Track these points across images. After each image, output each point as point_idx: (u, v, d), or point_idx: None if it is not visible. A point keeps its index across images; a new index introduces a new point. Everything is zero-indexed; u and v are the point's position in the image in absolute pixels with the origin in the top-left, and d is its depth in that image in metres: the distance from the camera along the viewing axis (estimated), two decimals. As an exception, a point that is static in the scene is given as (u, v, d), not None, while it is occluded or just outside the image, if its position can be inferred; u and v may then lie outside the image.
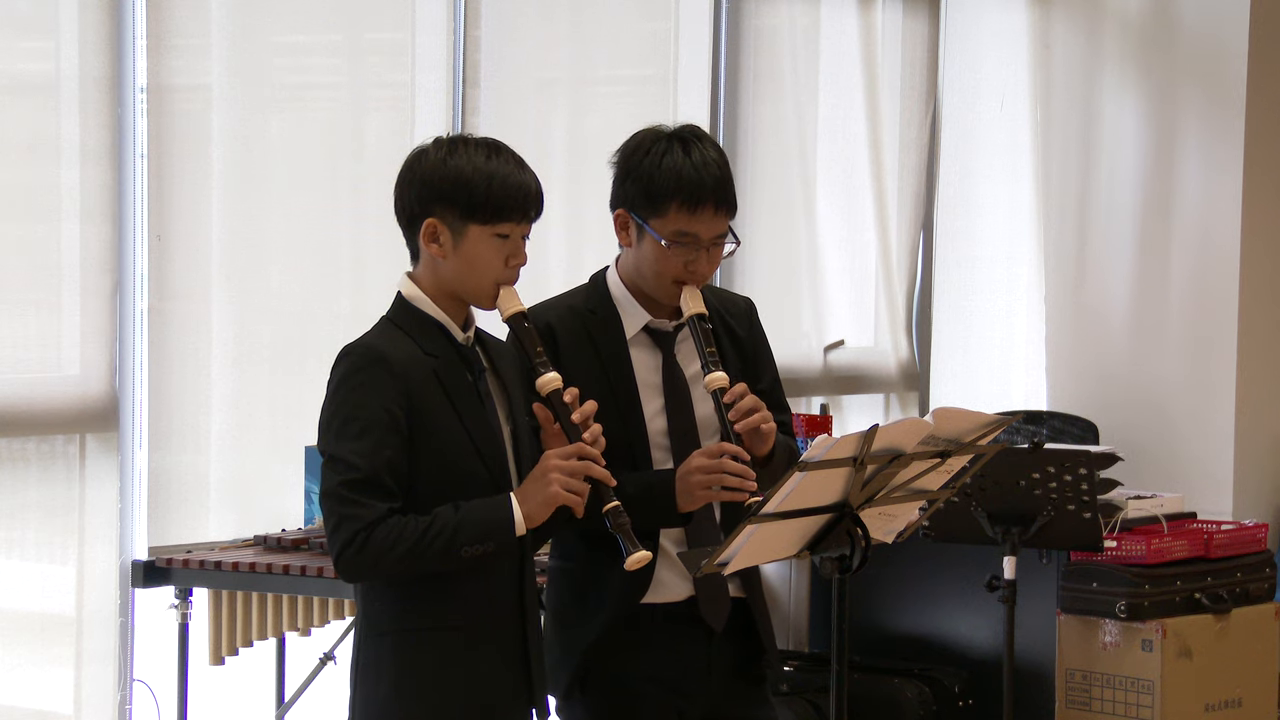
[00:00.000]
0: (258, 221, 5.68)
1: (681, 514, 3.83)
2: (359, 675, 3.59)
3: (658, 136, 3.89)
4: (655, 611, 3.91)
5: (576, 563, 3.95)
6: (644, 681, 3.91)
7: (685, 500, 3.81)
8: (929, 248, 7.53)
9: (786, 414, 4.10)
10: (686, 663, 3.93)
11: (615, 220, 3.92)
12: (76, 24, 5.29)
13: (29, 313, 5.25)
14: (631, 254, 3.92)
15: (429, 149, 3.59)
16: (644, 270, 3.90)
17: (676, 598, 3.92)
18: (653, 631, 3.91)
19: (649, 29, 6.73)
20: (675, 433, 3.92)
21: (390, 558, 3.44)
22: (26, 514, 5.25)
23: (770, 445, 3.85)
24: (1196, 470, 7.27)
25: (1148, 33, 7.58)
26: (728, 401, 3.79)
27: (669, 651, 3.92)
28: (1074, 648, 5.81)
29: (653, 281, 3.90)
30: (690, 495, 3.80)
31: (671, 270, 3.87)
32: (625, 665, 3.91)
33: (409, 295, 3.60)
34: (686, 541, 3.89)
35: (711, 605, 3.92)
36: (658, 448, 3.92)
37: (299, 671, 5.52)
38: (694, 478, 3.79)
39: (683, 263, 3.85)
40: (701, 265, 3.87)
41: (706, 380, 3.82)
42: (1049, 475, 5.38)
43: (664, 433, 3.92)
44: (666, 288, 3.89)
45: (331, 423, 3.50)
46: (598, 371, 3.88)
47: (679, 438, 3.91)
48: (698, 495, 3.79)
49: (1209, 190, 7.41)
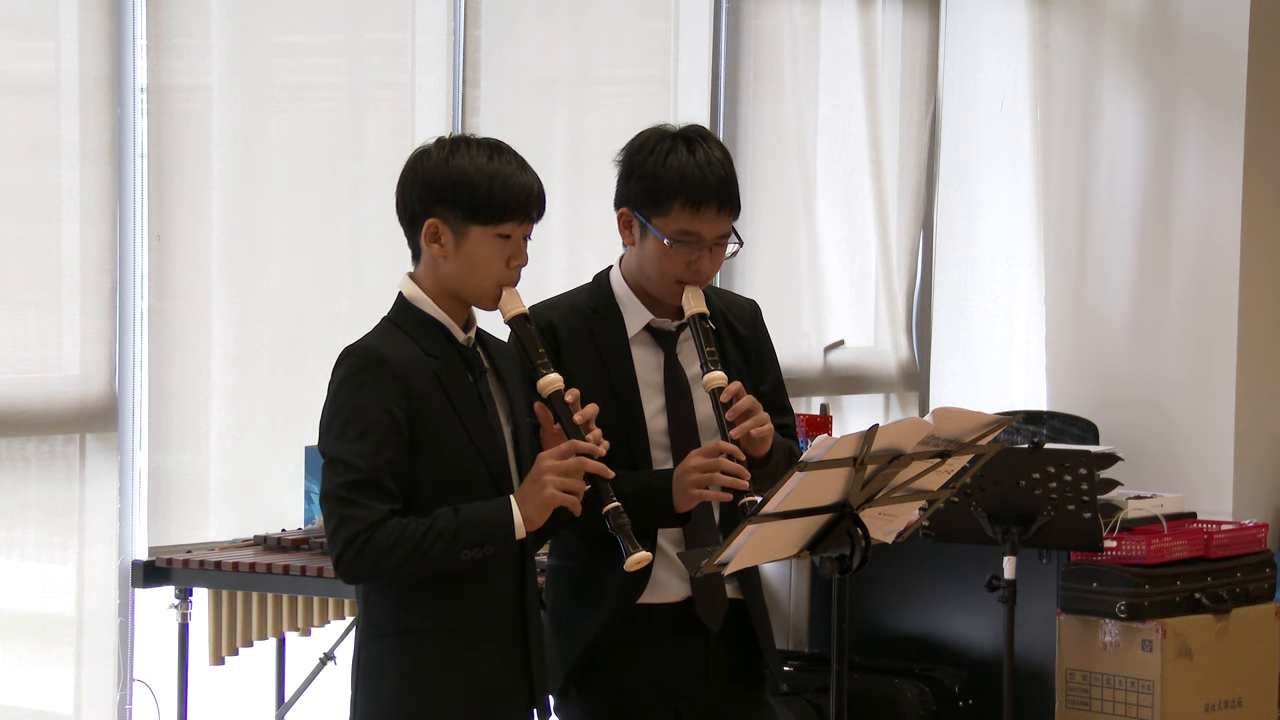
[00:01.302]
0: (258, 221, 5.68)
1: (679, 514, 3.83)
2: (360, 676, 3.59)
3: (662, 135, 3.89)
4: (653, 612, 3.91)
5: (575, 562, 3.95)
6: (641, 682, 3.91)
7: (682, 500, 3.80)
8: (929, 248, 7.53)
9: (789, 416, 4.10)
10: (684, 663, 3.93)
11: (619, 219, 3.92)
12: (76, 24, 5.29)
13: (29, 313, 5.25)
14: (634, 253, 3.92)
15: (431, 149, 3.59)
16: (647, 269, 3.90)
17: (674, 598, 3.92)
18: (650, 632, 3.91)
19: (649, 29, 6.73)
20: (675, 432, 3.92)
21: (390, 560, 3.44)
22: (26, 514, 5.25)
23: (768, 447, 3.84)
24: (1196, 470, 7.27)
25: (1148, 33, 7.58)
26: (725, 401, 3.79)
27: (666, 652, 3.92)
28: (1074, 648, 5.81)
29: (655, 281, 3.90)
30: (686, 495, 3.79)
31: (674, 269, 3.87)
32: (622, 665, 3.91)
33: (410, 296, 3.60)
34: (684, 542, 3.89)
35: (708, 606, 3.92)
36: (658, 447, 3.92)
37: (299, 671, 5.52)
38: (690, 477, 3.78)
39: (685, 262, 3.86)
40: (704, 265, 3.87)
41: (705, 380, 3.82)
42: (1049, 475, 5.38)
43: (664, 432, 3.92)
44: (669, 287, 3.89)
45: (332, 424, 3.50)
46: (599, 370, 3.88)
47: (679, 437, 3.91)
48: (694, 495, 3.79)
49: (1209, 190, 7.41)
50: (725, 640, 3.96)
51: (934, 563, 6.08)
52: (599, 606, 3.90)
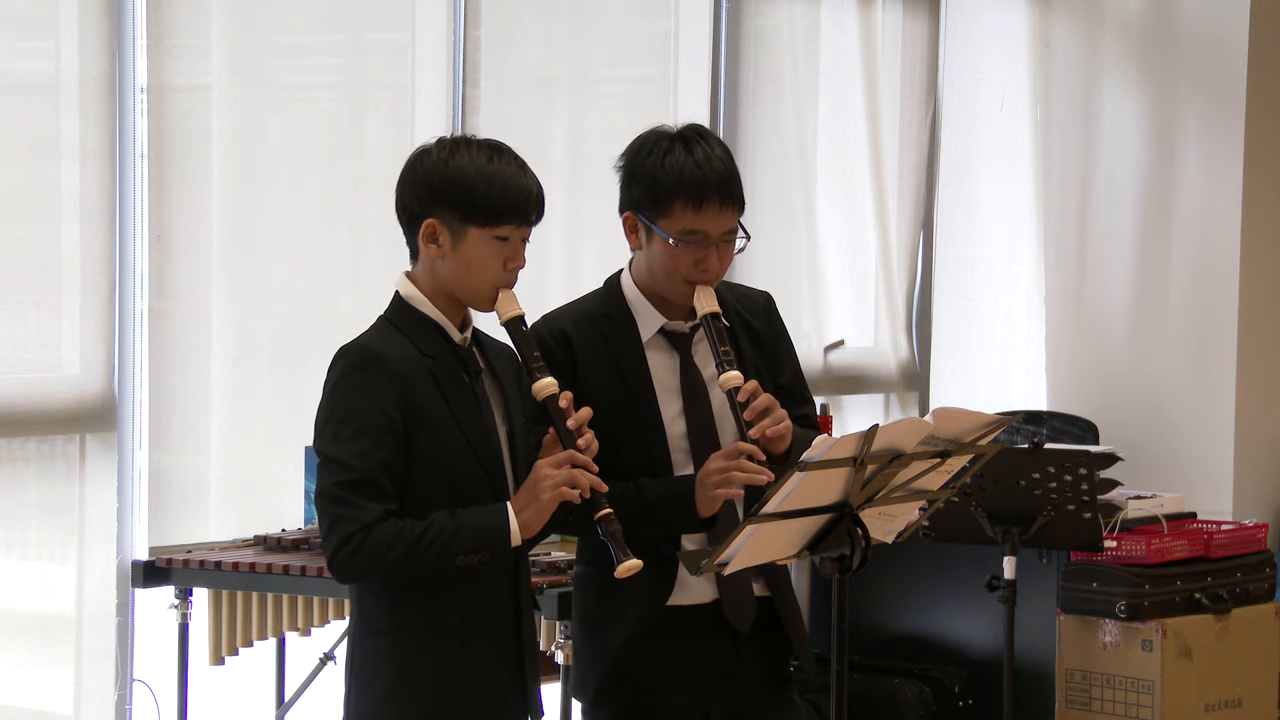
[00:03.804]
0: (258, 221, 5.68)
1: (703, 518, 3.82)
2: (354, 674, 3.60)
3: (660, 137, 3.89)
4: (681, 614, 3.90)
5: (603, 568, 3.93)
6: (671, 684, 3.91)
7: (705, 504, 3.79)
8: (929, 248, 7.53)
9: (810, 406, 4.08)
10: (713, 664, 3.92)
11: (624, 224, 3.92)
12: (76, 24, 5.28)
13: (29, 313, 5.25)
14: (642, 256, 3.91)
15: (431, 149, 3.59)
16: (655, 272, 3.89)
17: (702, 599, 3.91)
18: (679, 634, 3.90)
19: (649, 29, 6.73)
20: (694, 435, 3.91)
21: (384, 562, 3.44)
22: (26, 514, 5.24)
23: (787, 443, 3.82)
24: (1196, 470, 7.27)
25: (1148, 33, 7.57)
26: (741, 400, 3.78)
27: (696, 653, 3.91)
28: (1074, 648, 5.81)
29: (665, 282, 3.89)
30: (709, 498, 3.78)
31: (682, 269, 3.86)
32: (652, 668, 3.90)
33: (407, 295, 3.60)
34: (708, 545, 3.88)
35: (736, 607, 3.92)
36: (678, 450, 3.91)
37: (299, 671, 5.52)
38: (712, 479, 3.77)
39: (693, 261, 3.84)
40: (712, 263, 3.86)
41: (720, 380, 3.80)
42: (1049, 475, 5.39)
43: (683, 436, 3.91)
44: (679, 288, 3.88)
45: (328, 423, 3.50)
46: (615, 376, 3.86)
47: (698, 440, 3.90)
48: (717, 496, 3.78)
49: (1209, 190, 7.41)
50: (755, 639, 3.95)
51: (934, 563, 6.08)
52: (627, 611, 3.89)
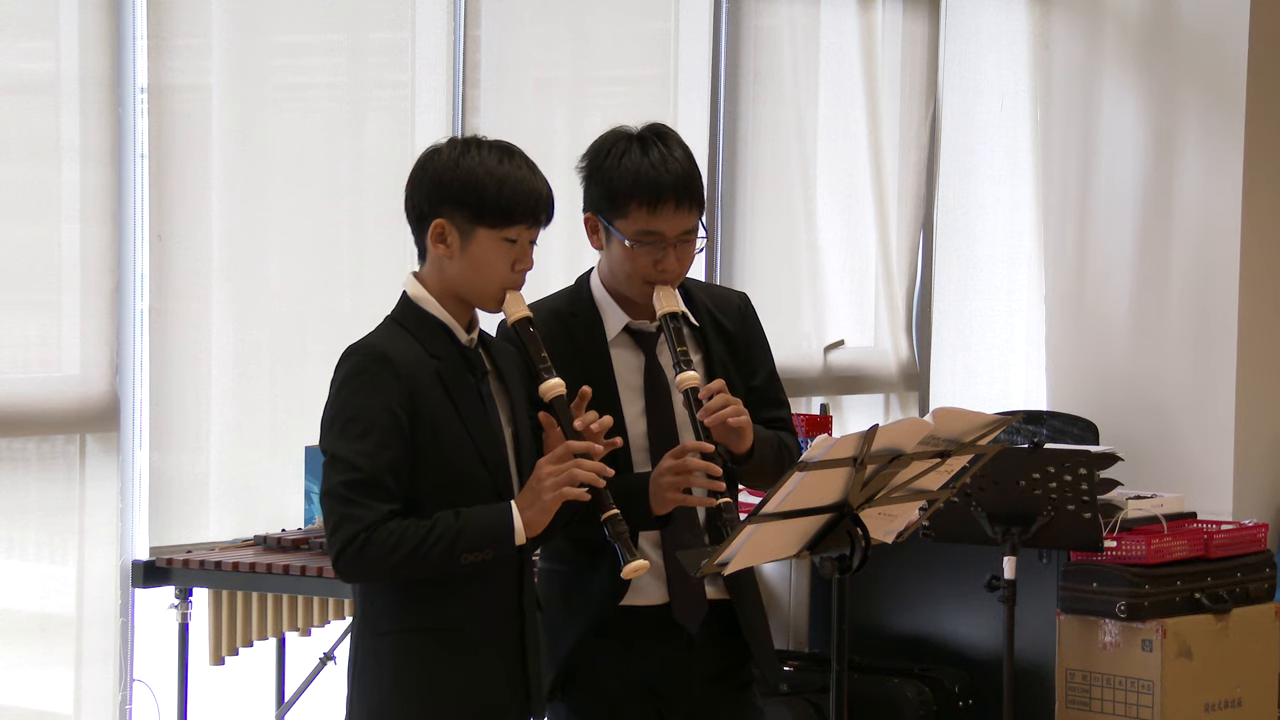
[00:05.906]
0: (258, 221, 5.68)
1: (657, 517, 3.81)
2: (356, 675, 3.59)
3: (619, 137, 3.90)
4: (634, 614, 3.89)
5: (563, 564, 3.94)
6: (625, 684, 3.90)
7: (657, 503, 3.78)
8: (929, 248, 7.53)
9: (784, 410, 4.06)
10: (667, 666, 3.91)
11: (585, 224, 3.94)
12: (76, 24, 5.29)
13: (29, 313, 5.25)
14: (604, 256, 3.92)
15: (443, 148, 3.60)
16: (616, 272, 3.90)
17: (655, 601, 3.90)
18: (633, 635, 3.89)
19: (649, 29, 6.73)
20: (654, 434, 3.90)
21: (389, 561, 3.44)
22: (26, 514, 5.25)
23: (748, 442, 3.81)
24: (1196, 470, 7.27)
25: (1148, 33, 7.58)
26: (703, 398, 3.77)
27: (648, 654, 3.91)
28: (1074, 648, 5.81)
29: (625, 282, 3.90)
30: (662, 498, 3.77)
31: (641, 270, 3.86)
32: (607, 667, 3.90)
33: (414, 295, 3.60)
34: (663, 544, 3.88)
35: (685, 608, 3.90)
36: (639, 450, 3.90)
37: (299, 671, 5.52)
38: (664, 479, 3.76)
39: (651, 261, 3.84)
40: (670, 263, 3.85)
41: (677, 380, 3.80)
42: (1049, 475, 5.38)
43: (645, 435, 3.91)
44: (639, 288, 3.88)
45: (334, 422, 3.50)
46: (578, 374, 3.85)
47: (657, 439, 3.89)
48: (668, 497, 3.76)
49: (1209, 190, 7.41)
50: (709, 642, 3.93)
51: (934, 563, 6.08)
52: (583, 610, 3.89)
